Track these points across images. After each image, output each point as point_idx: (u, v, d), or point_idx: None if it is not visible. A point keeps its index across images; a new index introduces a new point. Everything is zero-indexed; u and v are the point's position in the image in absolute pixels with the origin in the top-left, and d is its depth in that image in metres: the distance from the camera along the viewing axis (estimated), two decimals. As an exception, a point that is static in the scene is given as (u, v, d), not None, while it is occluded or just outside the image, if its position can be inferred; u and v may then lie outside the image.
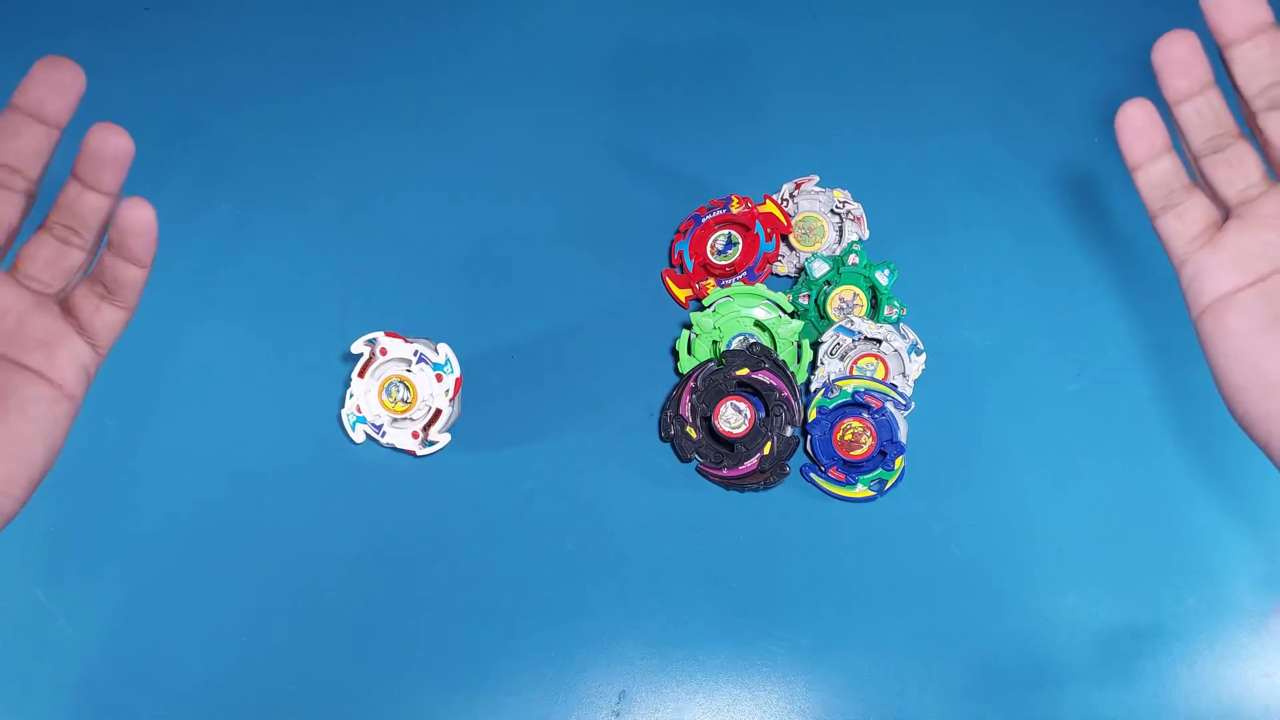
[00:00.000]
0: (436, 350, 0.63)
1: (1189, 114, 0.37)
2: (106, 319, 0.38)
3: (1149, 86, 0.76)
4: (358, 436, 0.64)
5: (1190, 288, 0.37)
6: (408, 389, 0.63)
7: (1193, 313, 0.37)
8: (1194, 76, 0.36)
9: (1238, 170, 0.36)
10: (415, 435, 0.63)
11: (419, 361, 0.62)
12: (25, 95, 0.34)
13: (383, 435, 0.63)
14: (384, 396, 0.63)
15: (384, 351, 0.63)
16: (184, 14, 0.81)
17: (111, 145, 0.35)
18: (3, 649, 0.59)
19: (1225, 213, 0.37)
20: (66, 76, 0.34)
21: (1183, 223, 0.37)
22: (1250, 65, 0.35)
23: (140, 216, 0.36)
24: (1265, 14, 0.34)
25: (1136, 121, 0.37)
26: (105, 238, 0.38)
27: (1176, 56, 0.36)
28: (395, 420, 0.63)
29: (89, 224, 0.37)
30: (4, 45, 0.79)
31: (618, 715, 0.58)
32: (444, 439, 0.63)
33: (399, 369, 0.64)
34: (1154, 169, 0.38)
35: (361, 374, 0.63)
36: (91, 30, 0.80)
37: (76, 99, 0.35)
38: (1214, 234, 0.37)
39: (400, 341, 0.63)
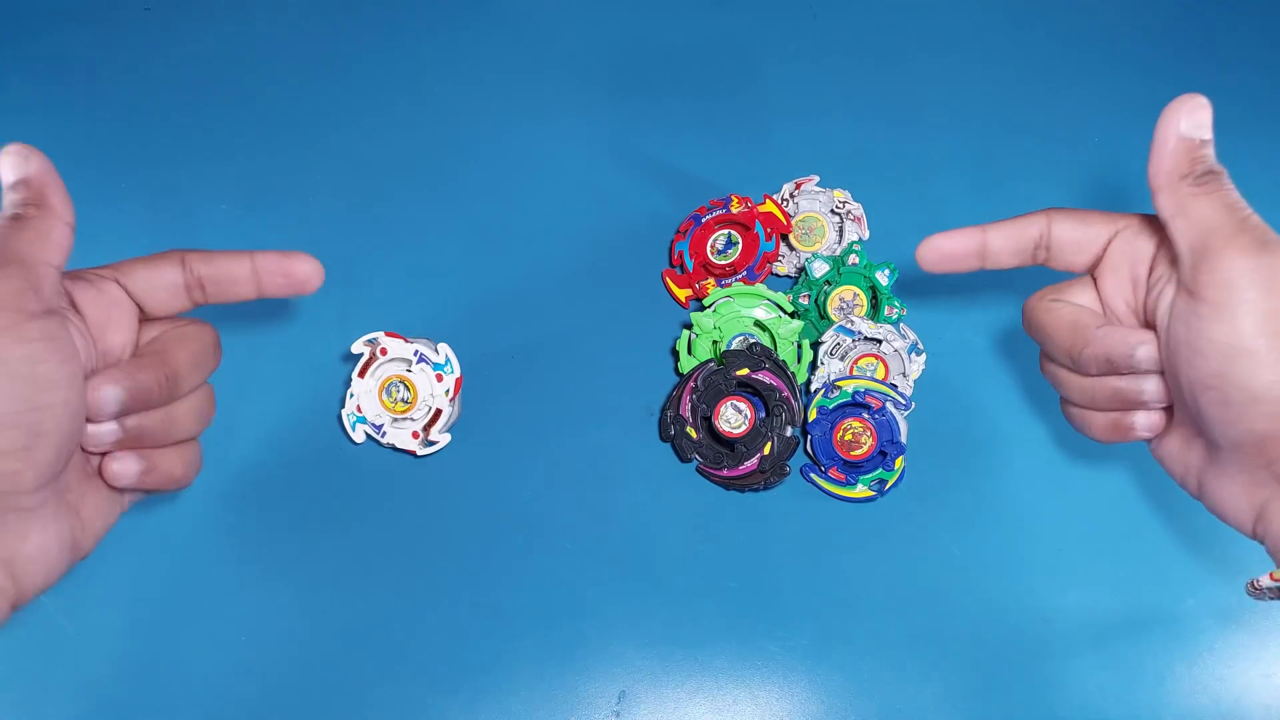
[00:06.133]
0: (436, 350, 0.63)
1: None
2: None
3: (1151, 87, 0.76)
4: (358, 436, 0.64)
5: (1200, 499, 0.42)
6: (408, 389, 0.63)
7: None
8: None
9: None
10: (415, 435, 0.63)
11: (419, 361, 0.62)
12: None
13: (383, 435, 0.63)
14: (384, 396, 0.63)
15: (384, 351, 0.63)
16: (184, 14, 0.81)
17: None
18: (3, 650, 0.59)
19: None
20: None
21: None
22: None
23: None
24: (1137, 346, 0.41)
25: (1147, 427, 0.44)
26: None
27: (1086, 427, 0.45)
28: (395, 420, 0.63)
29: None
30: (4, 45, 0.79)
31: (618, 715, 0.58)
32: (444, 439, 0.63)
33: (399, 369, 0.64)
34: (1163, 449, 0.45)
35: (361, 374, 0.63)
36: (91, 30, 0.80)
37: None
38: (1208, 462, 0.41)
39: (400, 341, 0.63)
